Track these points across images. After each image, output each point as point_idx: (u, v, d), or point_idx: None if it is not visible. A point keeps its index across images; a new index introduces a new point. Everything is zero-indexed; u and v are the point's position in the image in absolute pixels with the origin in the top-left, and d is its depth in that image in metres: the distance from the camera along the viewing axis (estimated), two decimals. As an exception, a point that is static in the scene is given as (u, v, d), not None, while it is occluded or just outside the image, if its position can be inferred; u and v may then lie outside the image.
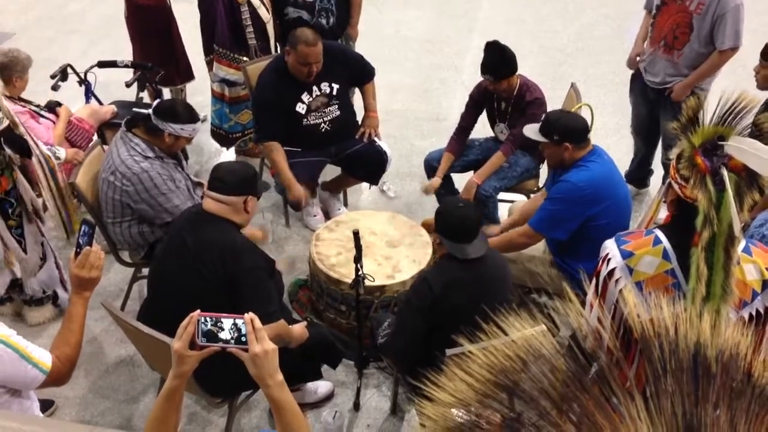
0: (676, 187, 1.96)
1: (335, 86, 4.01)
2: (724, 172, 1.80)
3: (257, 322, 1.59)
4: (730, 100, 1.85)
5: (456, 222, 2.74)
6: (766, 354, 0.78)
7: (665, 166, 4.28)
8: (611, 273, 2.05)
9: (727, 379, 0.73)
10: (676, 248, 1.98)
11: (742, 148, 1.79)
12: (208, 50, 4.62)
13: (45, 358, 2.08)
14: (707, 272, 1.81)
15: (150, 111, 3.37)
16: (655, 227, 2.13)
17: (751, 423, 0.71)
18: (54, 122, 3.98)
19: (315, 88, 3.96)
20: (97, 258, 2.17)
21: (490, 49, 3.77)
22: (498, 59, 3.76)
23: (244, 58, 4.48)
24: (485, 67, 3.80)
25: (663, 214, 2.25)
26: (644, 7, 4.21)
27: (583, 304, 0.92)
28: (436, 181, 4.06)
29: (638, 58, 4.16)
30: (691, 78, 3.90)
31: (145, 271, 3.54)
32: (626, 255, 2.02)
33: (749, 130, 1.85)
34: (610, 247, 2.08)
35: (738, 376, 0.74)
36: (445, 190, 4.18)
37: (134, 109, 4.04)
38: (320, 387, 3.33)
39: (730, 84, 2.62)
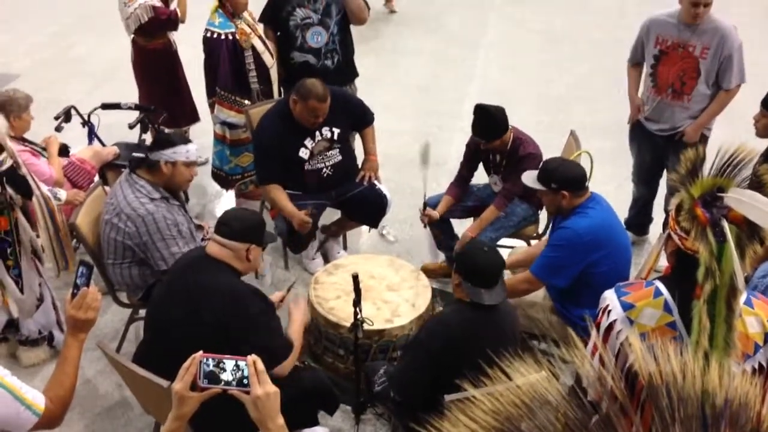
0: (675, 238, 1.95)
1: (336, 131, 4.04)
2: (725, 224, 1.80)
3: (260, 364, 1.58)
4: (729, 151, 1.86)
5: (478, 266, 2.71)
6: None
7: (669, 213, 4.29)
8: (612, 325, 2.02)
9: (735, 428, 0.72)
10: (677, 300, 1.95)
11: (742, 200, 1.78)
12: (210, 92, 4.67)
13: (38, 399, 2.04)
14: (709, 325, 1.79)
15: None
16: (655, 278, 2.11)
17: None
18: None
19: (317, 133, 3.99)
20: (94, 299, 2.15)
21: (478, 113, 3.79)
22: (486, 123, 3.78)
23: (246, 102, 4.53)
24: (475, 131, 3.83)
25: (663, 262, 2.24)
26: (629, 61, 4.26)
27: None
28: (436, 213, 4.05)
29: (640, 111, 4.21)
30: (702, 119, 3.99)
31: (143, 312, 3.52)
32: (627, 307, 1.99)
33: (749, 181, 1.86)
34: (610, 298, 2.05)
35: (747, 426, 0.73)
36: (445, 236, 4.18)
37: (133, 154, 4.07)
38: (316, 433, 3.27)
39: (727, 134, 2.64)
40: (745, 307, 1.93)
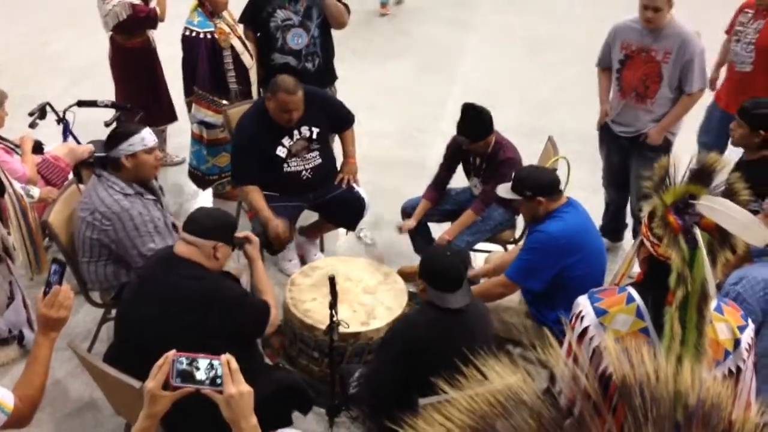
0: (648, 245, 1.96)
1: (315, 130, 4.03)
2: (697, 231, 1.81)
3: (233, 363, 1.58)
4: (702, 158, 1.88)
5: (441, 270, 2.71)
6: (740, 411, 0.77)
7: (636, 216, 4.35)
8: (585, 330, 2.03)
9: (707, 429, 0.72)
10: (650, 306, 1.97)
11: (715, 208, 1.80)
12: (188, 91, 4.63)
13: (7, 399, 2.01)
14: (681, 331, 1.80)
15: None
16: (627, 284, 2.12)
17: None
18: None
19: (296, 131, 3.98)
20: (67, 297, 2.12)
21: (466, 112, 3.81)
22: (473, 122, 3.80)
23: (224, 102, 4.50)
24: (461, 129, 3.85)
25: (637, 268, 2.25)
26: (597, 65, 4.33)
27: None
28: (411, 222, 4.06)
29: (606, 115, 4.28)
30: (666, 122, 4.04)
31: (115, 312, 3.48)
32: (600, 313, 2.00)
33: (721, 189, 1.88)
34: (583, 304, 2.06)
35: (719, 426, 0.73)
36: (422, 239, 4.18)
37: (95, 155, 4.03)
38: (290, 435, 3.26)
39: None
40: (715, 313, 1.94)
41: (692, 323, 1.79)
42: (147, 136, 3.36)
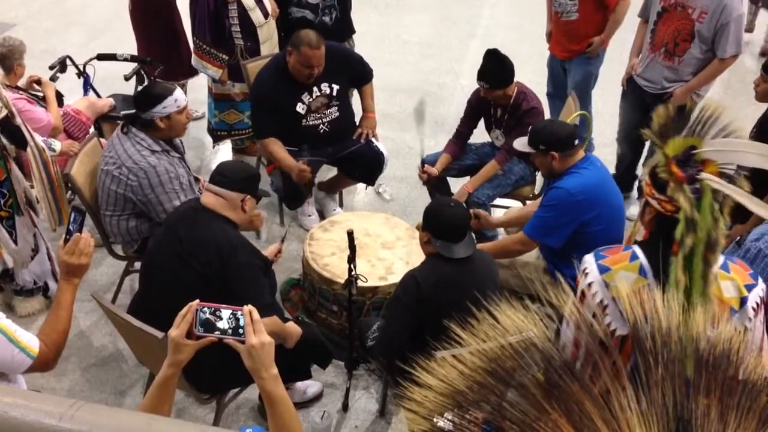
0: (655, 203, 1.93)
1: (335, 87, 4.00)
2: (704, 176, 1.78)
3: (255, 314, 1.61)
4: (699, 109, 1.85)
5: (446, 221, 2.73)
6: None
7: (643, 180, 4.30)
8: (589, 286, 2.00)
9: (718, 372, 0.73)
10: (653, 265, 1.94)
11: (722, 150, 1.77)
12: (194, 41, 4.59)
13: (32, 343, 2.07)
14: (684, 280, 1.78)
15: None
16: (634, 243, 2.09)
17: (741, 417, 0.70)
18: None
19: (315, 88, 3.95)
20: (87, 245, 2.16)
21: (489, 57, 3.78)
22: (495, 68, 3.77)
23: (224, 56, 4.43)
24: (482, 74, 3.81)
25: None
26: (639, 15, 4.25)
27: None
28: (435, 170, 4.04)
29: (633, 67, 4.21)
30: (693, 83, 3.96)
31: (137, 265, 3.53)
32: (603, 270, 1.98)
33: (722, 137, 1.84)
34: (588, 261, 2.04)
35: (730, 370, 0.74)
36: (441, 193, 4.18)
37: (122, 113, 4.02)
38: (309, 387, 3.32)
39: (727, 97, 2.61)
40: (721, 271, 1.91)
41: (698, 272, 1.77)
42: (179, 97, 3.36)
